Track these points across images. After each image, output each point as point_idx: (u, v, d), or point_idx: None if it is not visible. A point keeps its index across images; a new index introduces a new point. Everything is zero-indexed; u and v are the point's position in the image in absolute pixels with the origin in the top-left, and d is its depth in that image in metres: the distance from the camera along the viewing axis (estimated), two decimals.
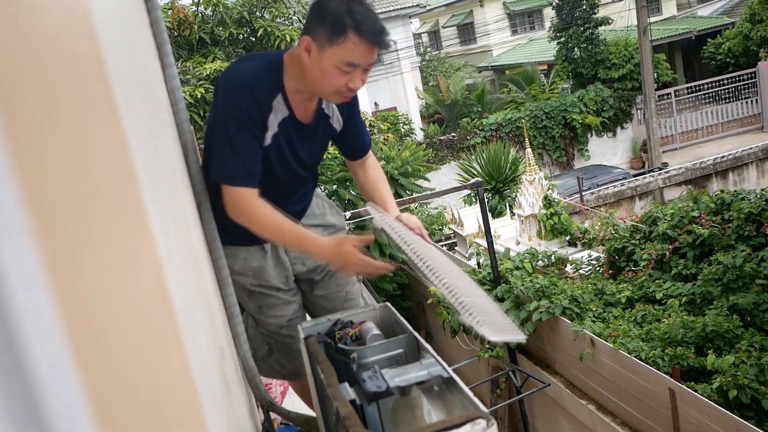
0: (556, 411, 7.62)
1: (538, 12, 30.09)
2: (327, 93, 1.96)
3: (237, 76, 1.96)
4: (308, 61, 1.90)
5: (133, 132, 0.92)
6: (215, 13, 12.57)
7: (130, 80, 1.10)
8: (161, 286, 0.86)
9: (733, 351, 5.99)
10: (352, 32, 1.82)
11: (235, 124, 1.92)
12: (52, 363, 0.40)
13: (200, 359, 1.15)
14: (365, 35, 1.82)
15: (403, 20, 23.35)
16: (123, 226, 0.77)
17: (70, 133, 0.64)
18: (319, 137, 2.17)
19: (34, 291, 0.39)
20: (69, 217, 0.56)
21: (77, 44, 0.76)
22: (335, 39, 1.83)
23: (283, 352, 2.39)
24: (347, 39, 1.82)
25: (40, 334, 0.40)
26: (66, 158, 0.61)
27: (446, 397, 1.57)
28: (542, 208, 10.35)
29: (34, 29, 0.56)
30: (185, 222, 1.59)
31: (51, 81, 0.61)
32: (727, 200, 7.78)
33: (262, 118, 1.96)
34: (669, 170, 17.32)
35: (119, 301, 0.69)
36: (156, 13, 1.96)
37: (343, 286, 2.46)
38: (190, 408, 0.95)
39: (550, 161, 21.39)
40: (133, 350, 0.71)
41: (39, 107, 0.55)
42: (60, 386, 0.40)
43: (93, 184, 0.68)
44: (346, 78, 1.89)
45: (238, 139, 1.92)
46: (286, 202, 2.15)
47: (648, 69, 19.55)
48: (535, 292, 7.27)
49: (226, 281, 2.07)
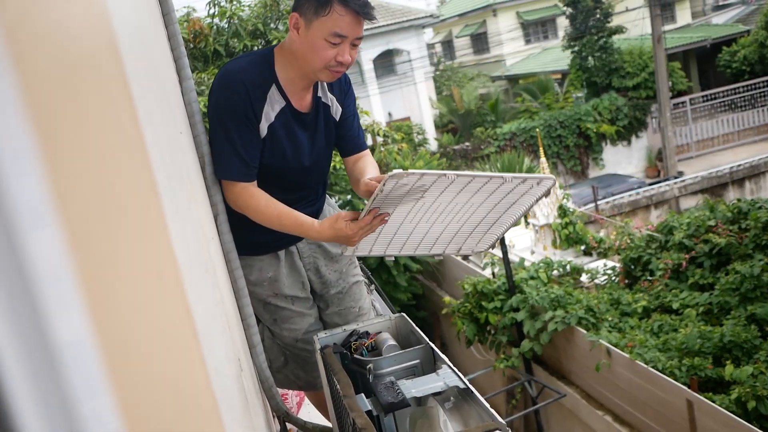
0: (572, 421, 7.56)
1: (551, 21, 30.06)
2: (317, 68, 1.98)
3: (229, 73, 2.01)
4: (297, 39, 1.95)
5: (153, 146, 0.93)
6: (230, 26, 12.67)
7: (150, 94, 1.12)
8: (182, 298, 0.87)
9: (751, 361, 5.93)
10: (336, 3, 1.87)
11: (230, 120, 1.98)
12: (84, 372, 0.42)
13: (219, 370, 1.16)
14: (350, 4, 1.87)
15: (416, 30, 23.41)
16: (145, 240, 0.79)
17: (96, 149, 0.66)
18: (321, 126, 2.19)
19: (71, 313, 0.41)
20: (96, 233, 0.57)
21: (102, 60, 0.78)
22: (321, 11, 1.88)
23: (299, 364, 2.40)
24: (332, 10, 1.87)
25: (76, 353, 0.42)
26: (92, 174, 0.62)
27: (463, 408, 1.57)
28: (557, 218, 10.31)
29: (65, 49, 0.58)
30: (203, 234, 1.61)
31: (78, 98, 0.63)
32: (744, 209, 7.72)
33: (255, 111, 2.00)
34: (685, 179, 17.19)
35: (143, 314, 0.70)
36: (174, 27, 1.99)
37: (357, 301, 2.48)
38: (210, 419, 0.96)
39: (565, 170, 21.31)
40: (156, 362, 0.72)
41: (69, 125, 0.56)
42: (91, 392, 0.42)
43: (117, 199, 0.70)
44: (335, 50, 1.93)
45: (233, 135, 1.98)
46: (296, 201, 2.17)
47: (663, 77, 19.47)
48: (550, 301, 7.24)
49: (243, 292, 2.08)
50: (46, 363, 0.39)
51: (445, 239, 2.13)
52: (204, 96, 11.14)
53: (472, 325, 8.33)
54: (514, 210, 2.02)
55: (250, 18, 12.71)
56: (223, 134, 1.99)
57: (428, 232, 2.09)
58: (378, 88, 22.78)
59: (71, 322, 0.41)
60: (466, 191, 1.88)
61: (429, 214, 1.99)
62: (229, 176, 2.01)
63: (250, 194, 2.02)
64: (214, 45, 12.50)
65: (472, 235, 2.13)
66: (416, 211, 1.95)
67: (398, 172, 1.69)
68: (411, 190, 1.80)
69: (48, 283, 0.40)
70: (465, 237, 2.13)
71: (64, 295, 0.42)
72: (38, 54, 0.51)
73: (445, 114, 24.54)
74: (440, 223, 2.03)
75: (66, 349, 0.41)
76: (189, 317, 0.89)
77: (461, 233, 2.11)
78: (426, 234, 2.10)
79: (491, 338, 8.30)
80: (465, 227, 2.08)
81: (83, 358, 0.43)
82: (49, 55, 0.53)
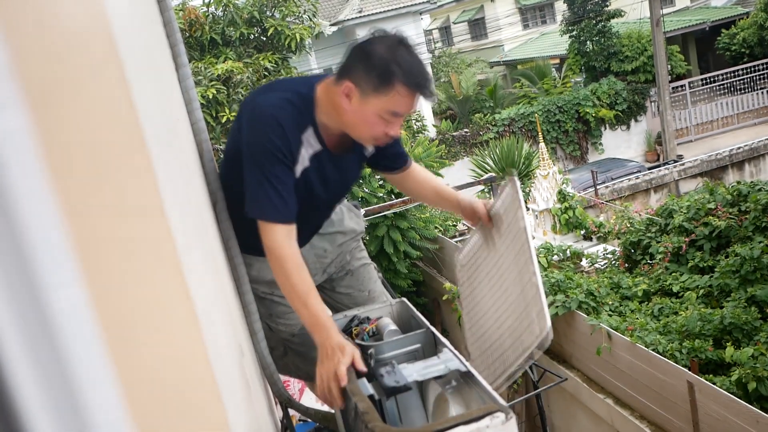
0: (573, 405, 7.59)
1: (549, 6, 29.94)
2: (364, 138, 1.92)
3: (263, 108, 1.88)
4: (348, 106, 1.83)
5: (150, 130, 0.93)
6: (226, 14, 12.62)
7: (146, 80, 1.12)
8: (182, 281, 0.87)
9: (751, 343, 5.95)
10: (399, 83, 1.76)
11: (266, 159, 1.84)
12: (88, 359, 0.42)
13: (221, 356, 1.16)
14: (412, 86, 1.77)
15: (413, 17, 23.29)
16: (143, 223, 0.79)
17: (92, 134, 0.65)
18: (354, 165, 2.13)
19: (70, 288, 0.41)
20: (94, 219, 0.57)
21: (96, 45, 0.77)
22: (381, 89, 1.77)
23: (299, 357, 2.36)
24: (394, 89, 1.77)
25: (80, 340, 0.42)
26: (88, 156, 0.62)
27: (464, 391, 1.57)
28: (557, 203, 10.31)
29: (57, 32, 0.57)
30: (201, 220, 1.61)
31: (73, 83, 0.62)
32: (744, 191, 7.72)
33: (292, 152, 1.88)
34: (684, 162, 17.18)
35: (143, 297, 0.70)
36: (169, 14, 1.98)
37: (365, 284, 2.43)
38: (213, 405, 0.97)
39: (564, 155, 21.28)
40: (157, 346, 0.72)
41: (64, 110, 0.56)
42: (96, 379, 0.42)
43: (115, 184, 0.69)
44: (386, 126, 1.83)
45: (272, 174, 1.84)
46: (310, 227, 2.16)
47: (662, 61, 19.40)
48: (550, 286, 7.25)
49: (243, 279, 2.07)
50: (43, 338, 0.39)
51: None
52: (200, 86, 11.12)
53: None
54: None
55: (246, 6, 12.65)
56: (259, 172, 1.85)
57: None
58: None
59: (75, 307, 0.41)
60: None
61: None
62: (267, 216, 1.85)
63: (287, 245, 1.84)
64: (210, 33, 12.46)
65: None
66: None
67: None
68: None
69: (45, 263, 0.40)
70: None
71: (62, 272, 0.41)
72: (31, 34, 0.50)
73: (444, 100, 24.49)
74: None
75: (65, 326, 0.41)
76: (189, 301, 0.89)
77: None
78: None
79: None
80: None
81: (83, 337, 0.43)
82: (41, 35, 0.53)
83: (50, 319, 0.39)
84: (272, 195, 1.84)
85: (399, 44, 1.79)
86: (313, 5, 13.39)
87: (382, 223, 10.05)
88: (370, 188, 10.50)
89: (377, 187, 10.53)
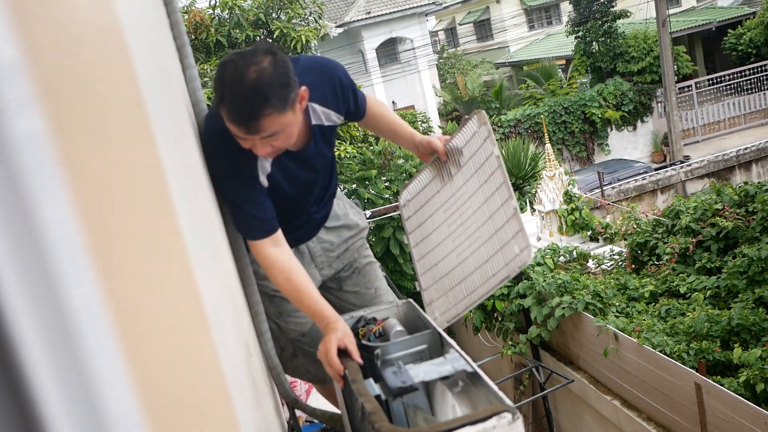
0: (580, 407, 7.58)
1: (555, 7, 29.92)
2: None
3: (209, 137, 1.90)
4: None
5: (159, 131, 0.93)
6: (231, 16, 12.64)
7: (155, 82, 1.12)
8: (192, 282, 0.88)
9: (759, 344, 5.92)
10: (223, 110, 1.72)
11: (231, 185, 1.91)
12: (103, 356, 0.43)
13: (229, 355, 1.17)
14: (230, 119, 1.72)
15: (419, 18, 23.32)
16: (153, 222, 0.79)
17: (102, 133, 0.66)
18: (320, 147, 2.10)
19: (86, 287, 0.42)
20: (107, 216, 0.58)
21: (107, 46, 0.78)
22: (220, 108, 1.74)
23: (308, 358, 2.36)
24: (224, 111, 1.73)
25: (95, 338, 0.42)
26: (99, 155, 0.63)
27: (471, 392, 1.57)
28: (563, 204, 10.28)
29: (71, 33, 0.58)
30: (209, 221, 1.61)
31: (84, 84, 0.63)
32: (751, 192, 7.69)
33: (250, 167, 1.91)
34: (691, 163, 17.11)
35: (153, 297, 0.70)
36: (176, 16, 1.98)
37: (372, 282, 2.44)
38: (223, 404, 0.97)
39: (570, 156, 21.25)
40: (167, 345, 0.73)
41: (76, 111, 0.57)
42: (110, 375, 0.43)
43: (124, 181, 0.70)
44: (248, 144, 1.79)
45: (241, 196, 1.92)
46: (307, 211, 2.17)
47: (668, 61, 19.35)
48: (557, 287, 7.23)
49: (250, 280, 2.08)
50: (61, 337, 0.40)
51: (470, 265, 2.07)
52: (207, 88, 11.15)
53: (479, 312, 8.33)
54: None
55: (252, 8, 12.67)
56: (228, 199, 1.95)
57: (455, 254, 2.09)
58: (381, 77, 22.71)
59: (85, 298, 0.42)
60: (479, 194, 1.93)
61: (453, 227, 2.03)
62: (250, 236, 1.98)
63: (274, 254, 1.95)
64: (216, 36, 12.48)
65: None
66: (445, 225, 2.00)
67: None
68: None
69: (64, 264, 0.41)
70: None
71: (78, 272, 0.42)
72: (45, 31, 0.51)
73: (449, 102, 24.50)
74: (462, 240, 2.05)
75: (81, 325, 0.41)
76: (197, 301, 0.89)
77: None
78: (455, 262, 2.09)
79: (498, 325, 8.30)
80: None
81: (97, 336, 0.43)
82: (54, 34, 0.53)
83: (68, 318, 0.40)
84: (248, 217, 1.94)
85: (235, 66, 1.69)
86: (319, 7, 13.41)
87: (388, 224, 10.05)
88: (376, 189, 10.51)
89: (383, 188, 10.53)
